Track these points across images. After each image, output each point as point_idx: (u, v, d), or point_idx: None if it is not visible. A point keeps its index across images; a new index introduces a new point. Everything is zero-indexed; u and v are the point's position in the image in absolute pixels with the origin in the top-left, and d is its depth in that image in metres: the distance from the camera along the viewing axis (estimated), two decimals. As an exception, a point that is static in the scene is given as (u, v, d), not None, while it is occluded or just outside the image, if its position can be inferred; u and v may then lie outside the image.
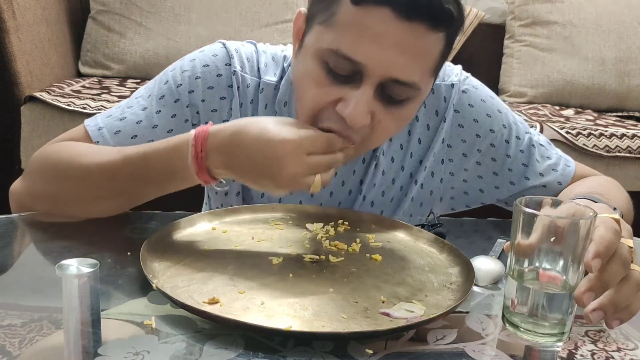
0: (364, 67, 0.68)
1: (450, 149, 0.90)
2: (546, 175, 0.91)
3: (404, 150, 0.89)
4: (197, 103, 0.83)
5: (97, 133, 0.81)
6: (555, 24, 2.31)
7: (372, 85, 0.69)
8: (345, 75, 0.70)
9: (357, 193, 0.89)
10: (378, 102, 0.71)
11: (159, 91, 0.83)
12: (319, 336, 0.53)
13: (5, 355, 0.48)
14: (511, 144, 0.90)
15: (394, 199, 0.91)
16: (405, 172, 0.90)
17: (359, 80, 0.69)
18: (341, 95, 0.70)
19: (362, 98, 0.69)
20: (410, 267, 0.69)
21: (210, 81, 0.83)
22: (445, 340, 0.55)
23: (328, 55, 0.69)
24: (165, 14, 2.13)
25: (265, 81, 0.85)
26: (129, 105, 0.83)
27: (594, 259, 0.52)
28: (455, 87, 0.89)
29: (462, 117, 0.89)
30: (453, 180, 0.92)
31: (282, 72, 0.86)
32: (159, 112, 0.82)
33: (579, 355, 0.56)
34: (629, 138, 1.88)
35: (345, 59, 0.68)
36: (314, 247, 0.71)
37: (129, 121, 0.81)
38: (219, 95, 0.83)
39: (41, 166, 0.80)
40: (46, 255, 0.71)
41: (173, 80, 0.83)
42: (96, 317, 0.52)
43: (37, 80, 1.79)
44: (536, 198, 0.58)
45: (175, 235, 0.71)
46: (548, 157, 0.93)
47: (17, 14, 1.70)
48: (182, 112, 0.82)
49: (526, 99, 2.30)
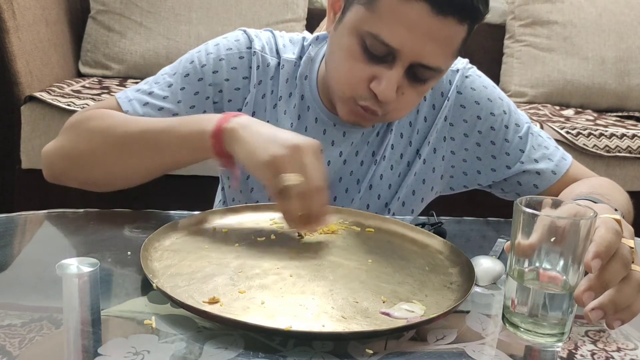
0: (398, 52, 0.76)
1: (452, 127, 0.95)
2: (541, 162, 0.95)
3: (412, 127, 0.95)
4: (221, 82, 0.90)
5: (127, 103, 0.87)
6: (555, 24, 2.31)
7: (403, 67, 0.78)
8: (379, 56, 0.78)
9: (368, 164, 0.94)
10: (405, 80, 0.79)
11: (184, 69, 0.90)
12: (319, 336, 0.53)
13: (5, 355, 0.48)
14: (510, 129, 0.95)
15: (400, 174, 0.96)
16: (412, 148, 0.96)
17: (391, 61, 0.78)
18: (375, 73, 0.79)
19: (394, 78, 0.78)
20: (410, 267, 0.69)
21: (234, 62, 0.91)
22: (445, 340, 0.55)
23: (367, 36, 0.77)
24: (165, 14, 2.12)
25: (285, 58, 0.93)
26: (156, 81, 0.91)
27: (594, 259, 0.52)
28: (459, 72, 0.95)
29: (464, 98, 0.95)
30: (454, 158, 0.97)
31: (301, 51, 0.94)
32: (183, 88, 0.89)
33: (579, 355, 0.56)
34: (629, 138, 1.88)
35: (382, 43, 0.76)
36: (315, 247, 0.71)
37: (156, 95, 0.88)
38: (242, 75, 0.91)
39: (78, 129, 0.85)
40: (46, 255, 0.71)
41: (198, 60, 0.90)
42: (96, 316, 0.52)
43: (37, 80, 1.79)
44: (537, 198, 0.58)
45: (175, 235, 0.71)
46: (545, 147, 0.96)
47: (17, 14, 1.70)
48: (205, 90, 0.90)
49: (526, 99, 2.30)
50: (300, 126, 0.92)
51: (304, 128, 0.92)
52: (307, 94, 0.92)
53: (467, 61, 0.98)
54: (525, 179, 0.95)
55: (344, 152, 0.93)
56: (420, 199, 0.98)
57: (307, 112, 0.92)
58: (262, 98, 0.92)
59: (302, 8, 2.24)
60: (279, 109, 0.92)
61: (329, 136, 0.92)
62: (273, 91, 0.92)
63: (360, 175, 0.95)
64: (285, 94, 0.92)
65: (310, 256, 0.69)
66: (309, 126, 0.92)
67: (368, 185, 0.94)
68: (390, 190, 0.95)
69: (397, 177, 0.95)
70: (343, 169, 0.94)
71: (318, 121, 0.92)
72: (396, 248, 0.74)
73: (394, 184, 0.95)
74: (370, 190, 0.94)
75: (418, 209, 0.99)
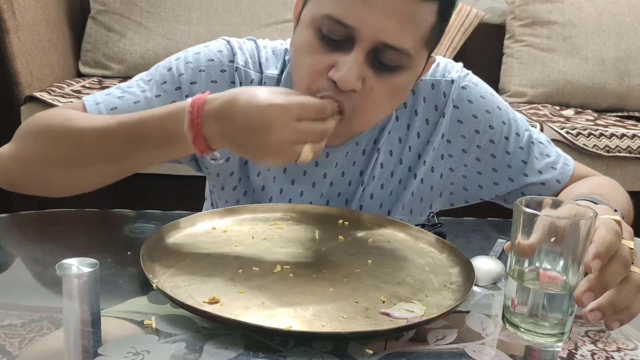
0: (355, 32, 0.71)
1: (450, 144, 0.91)
2: (545, 172, 0.92)
3: (402, 143, 0.90)
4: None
5: (94, 107, 0.81)
6: (555, 24, 2.31)
7: (364, 49, 0.71)
8: (338, 41, 0.72)
9: (357, 184, 0.90)
10: (369, 69, 0.73)
11: (160, 77, 0.85)
12: (319, 336, 0.53)
13: (5, 355, 0.48)
14: (510, 140, 0.91)
15: (392, 193, 0.91)
16: (404, 166, 0.91)
17: (350, 46, 0.72)
18: (333, 61, 0.73)
19: (353, 61, 0.71)
20: (410, 267, 0.69)
21: (214, 75, 0.85)
22: (445, 340, 0.55)
23: (322, 21, 0.72)
24: (165, 14, 2.13)
25: (268, 75, 0.87)
26: (129, 87, 0.85)
27: (594, 259, 0.52)
28: (455, 83, 0.89)
29: (461, 113, 0.90)
30: (453, 175, 0.93)
31: (283, 65, 0.88)
32: (159, 96, 0.83)
33: (579, 355, 0.56)
34: (629, 138, 1.88)
35: (337, 23, 0.71)
36: (315, 247, 0.71)
37: (127, 100, 0.82)
38: (222, 89, 0.83)
39: (34, 129, 0.79)
40: (46, 255, 0.71)
41: (176, 69, 0.85)
42: (96, 316, 0.52)
43: (37, 80, 1.79)
44: (536, 198, 0.58)
45: (175, 235, 0.71)
46: (547, 155, 0.93)
47: (17, 14, 1.70)
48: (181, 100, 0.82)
49: (526, 99, 2.30)
50: None
51: None
52: None
53: (461, 66, 0.92)
54: (529, 190, 0.92)
55: (329, 174, 0.88)
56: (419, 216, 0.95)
57: None
58: None
59: (302, 8, 2.24)
60: None
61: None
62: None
63: (348, 196, 0.90)
64: None
65: (310, 256, 0.69)
66: None
67: (358, 206, 0.90)
68: (382, 210, 0.91)
69: (388, 195, 0.91)
70: (330, 190, 0.89)
71: None
72: (396, 248, 0.74)
73: (385, 203, 0.91)
74: (361, 210, 0.90)
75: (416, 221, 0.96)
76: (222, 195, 0.91)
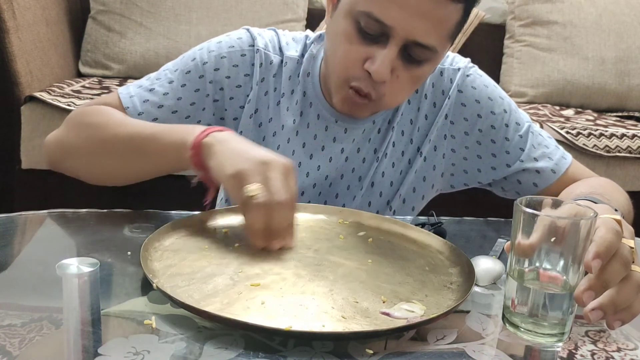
0: (391, 29, 0.77)
1: (453, 125, 0.96)
2: (541, 160, 0.95)
3: (413, 124, 0.96)
4: (222, 80, 0.90)
5: (129, 100, 0.89)
6: (555, 24, 2.31)
7: (397, 45, 0.78)
8: (374, 35, 0.78)
9: (370, 162, 0.95)
10: (400, 61, 0.80)
11: (185, 66, 0.91)
12: (319, 336, 0.53)
13: (5, 355, 0.48)
14: (510, 127, 0.95)
15: (402, 172, 0.96)
16: (414, 145, 0.96)
17: (385, 41, 0.78)
18: (369, 54, 0.79)
19: (388, 56, 0.78)
20: (410, 267, 0.69)
21: (235, 60, 0.91)
22: (445, 340, 0.55)
23: (360, 16, 0.78)
24: (165, 14, 2.13)
25: (288, 56, 0.93)
26: (158, 77, 0.92)
27: (594, 259, 0.52)
28: (461, 70, 0.96)
29: (464, 97, 0.95)
30: (454, 156, 0.98)
31: (304, 48, 0.94)
32: (184, 85, 0.90)
33: (579, 355, 0.56)
34: (629, 138, 1.88)
35: (375, 21, 0.77)
36: (315, 247, 0.71)
37: (157, 92, 0.90)
38: (244, 72, 0.91)
39: (78, 122, 0.88)
40: (46, 255, 0.71)
41: (200, 58, 0.91)
42: (96, 316, 0.52)
43: (37, 80, 1.79)
44: (537, 198, 0.58)
45: (175, 235, 0.71)
46: (545, 146, 0.97)
47: (17, 14, 1.70)
48: (205, 87, 0.90)
49: (526, 99, 2.30)
50: (302, 123, 0.93)
51: (307, 124, 0.93)
52: (310, 91, 0.92)
53: (469, 60, 0.98)
54: (525, 177, 0.95)
55: (346, 149, 0.94)
56: (421, 197, 0.98)
57: (309, 108, 0.93)
58: (265, 95, 0.92)
59: (302, 8, 2.24)
60: (281, 106, 0.93)
61: (330, 132, 0.93)
62: (276, 88, 0.93)
63: (362, 173, 0.95)
64: (287, 91, 0.93)
65: (310, 256, 0.69)
66: (311, 123, 0.92)
67: (370, 183, 0.95)
68: (392, 188, 0.96)
69: (398, 174, 0.96)
70: (345, 165, 0.95)
71: (320, 118, 0.92)
72: (396, 248, 0.74)
73: (395, 181, 0.96)
74: (372, 187, 0.95)
75: (419, 206, 0.99)
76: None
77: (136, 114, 0.88)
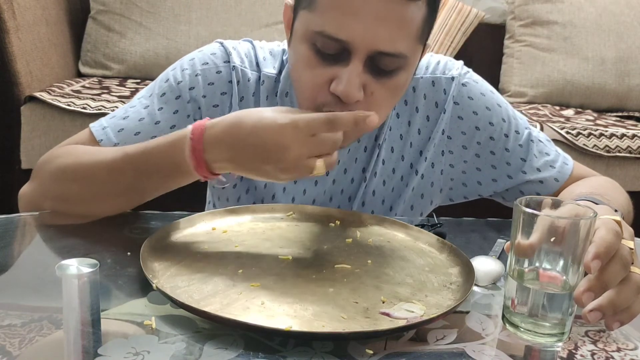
0: (349, 44, 0.70)
1: (450, 140, 0.91)
2: (543, 170, 0.92)
3: (404, 140, 0.91)
4: (199, 99, 0.85)
5: (101, 132, 0.82)
6: (555, 24, 2.31)
7: (361, 60, 0.70)
8: (334, 54, 0.71)
9: (359, 181, 0.91)
10: (369, 75, 0.72)
11: (160, 89, 0.86)
12: (319, 336, 0.53)
13: (5, 355, 0.48)
14: (510, 137, 0.91)
15: (394, 189, 0.92)
16: (406, 162, 0.91)
17: (347, 57, 0.71)
18: (333, 74, 0.72)
19: (353, 73, 0.70)
20: (410, 267, 0.69)
21: (210, 77, 0.85)
22: (445, 340, 0.55)
23: (315, 37, 0.71)
24: (165, 14, 2.13)
25: (266, 73, 0.87)
26: (131, 106, 0.86)
27: (594, 260, 0.52)
28: (455, 80, 0.90)
29: (461, 109, 0.90)
30: (452, 171, 0.93)
31: (281, 65, 0.88)
32: (161, 109, 0.84)
33: (579, 355, 0.56)
34: (629, 138, 1.88)
35: (330, 39, 0.70)
36: (315, 247, 0.71)
37: (132, 119, 0.83)
38: (220, 90, 0.85)
39: (49, 169, 0.80)
40: (46, 255, 0.71)
41: (173, 78, 0.85)
42: (96, 317, 0.52)
43: (37, 80, 1.79)
44: (536, 198, 0.58)
45: (175, 235, 0.71)
46: (547, 154, 0.93)
47: (17, 14, 1.70)
48: (184, 108, 0.84)
49: (526, 99, 2.30)
50: None
51: None
52: None
53: (462, 64, 0.92)
54: (528, 188, 0.92)
55: (332, 172, 0.89)
56: (420, 213, 0.95)
57: None
58: None
59: (302, 8, 2.24)
60: None
61: None
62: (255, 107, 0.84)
63: (351, 193, 0.91)
64: None
65: (310, 256, 0.69)
66: None
67: (361, 202, 0.91)
68: (384, 206, 0.92)
69: (390, 192, 0.92)
70: (333, 188, 0.90)
71: None
72: (396, 248, 0.74)
73: (387, 199, 0.92)
74: (364, 207, 0.91)
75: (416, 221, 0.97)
76: (223, 193, 0.91)
77: (111, 145, 0.81)
